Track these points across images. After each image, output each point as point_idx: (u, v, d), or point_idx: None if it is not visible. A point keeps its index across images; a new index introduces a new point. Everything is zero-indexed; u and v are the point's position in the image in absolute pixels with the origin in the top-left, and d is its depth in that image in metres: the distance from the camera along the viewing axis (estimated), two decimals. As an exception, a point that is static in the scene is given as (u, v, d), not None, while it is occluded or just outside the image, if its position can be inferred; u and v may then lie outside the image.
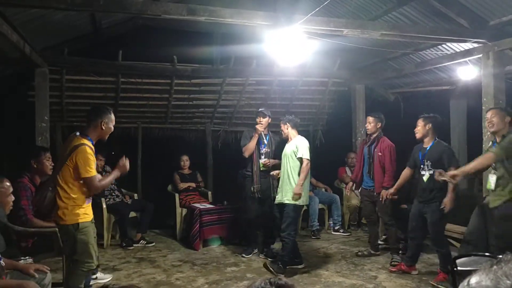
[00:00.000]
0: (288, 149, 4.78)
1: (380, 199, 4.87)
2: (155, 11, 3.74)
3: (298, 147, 4.68)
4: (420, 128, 4.39)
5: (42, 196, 3.23)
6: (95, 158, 3.18)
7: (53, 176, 3.30)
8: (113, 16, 5.59)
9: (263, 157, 5.26)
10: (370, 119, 5.15)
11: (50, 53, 5.75)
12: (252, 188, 5.18)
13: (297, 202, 4.62)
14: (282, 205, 4.72)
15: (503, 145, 3.61)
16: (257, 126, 5.18)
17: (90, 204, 3.33)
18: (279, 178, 4.90)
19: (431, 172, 4.23)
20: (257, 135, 5.19)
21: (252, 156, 5.22)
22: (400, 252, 4.97)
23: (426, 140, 4.40)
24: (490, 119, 3.78)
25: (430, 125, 4.35)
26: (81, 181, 3.14)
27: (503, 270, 0.68)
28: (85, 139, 3.18)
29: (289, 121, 4.88)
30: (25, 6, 4.01)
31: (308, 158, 4.65)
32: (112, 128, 3.36)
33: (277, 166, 5.07)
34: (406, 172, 4.69)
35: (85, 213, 3.22)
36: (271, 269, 4.57)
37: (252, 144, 5.18)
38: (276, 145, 5.37)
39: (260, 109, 5.43)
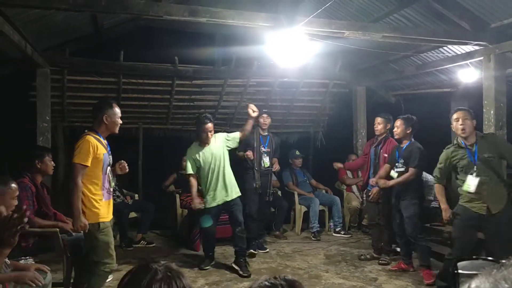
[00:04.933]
0: (217, 149, 4.76)
1: (369, 195, 5.01)
2: (156, 12, 3.75)
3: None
4: (401, 131, 4.60)
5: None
6: (95, 149, 3.12)
7: (67, 177, 3.31)
8: (114, 17, 5.59)
9: (265, 154, 5.46)
10: (379, 119, 5.13)
11: (52, 53, 5.77)
12: (254, 184, 5.34)
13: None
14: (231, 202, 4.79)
15: None
16: (260, 131, 5.45)
17: (108, 202, 3.30)
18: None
19: (402, 169, 4.51)
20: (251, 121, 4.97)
21: (254, 154, 5.39)
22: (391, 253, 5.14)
23: (403, 140, 4.63)
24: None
25: (411, 128, 4.58)
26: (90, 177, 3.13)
27: (502, 274, 0.68)
28: (92, 133, 3.19)
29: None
30: (27, 7, 4.01)
31: None
32: (118, 120, 3.32)
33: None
34: (387, 169, 4.77)
35: (105, 212, 3.22)
36: (238, 269, 4.65)
37: (245, 127, 4.91)
38: (275, 145, 5.65)
39: (264, 110, 5.59)
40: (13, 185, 2.70)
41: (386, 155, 4.96)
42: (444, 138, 7.11)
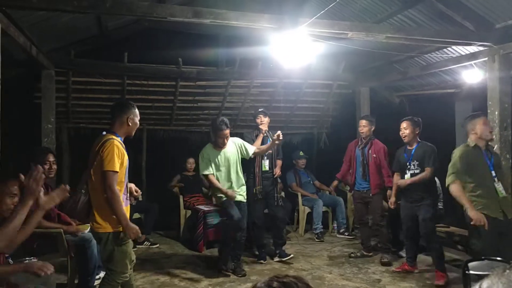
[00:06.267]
0: (232, 153, 4.70)
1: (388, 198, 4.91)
2: (161, 14, 3.77)
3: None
4: (410, 132, 4.49)
5: (75, 200, 2.98)
6: (122, 154, 2.97)
7: (84, 179, 3.07)
8: (119, 19, 5.62)
9: (265, 157, 5.22)
10: (364, 122, 5.25)
11: (57, 55, 5.80)
12: (254, 190, 5.13)
13: None
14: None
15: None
16: (261, 126, 5.20)
17: (127, 208, 3.08)
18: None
19: (418, 171, 4.43)
20: (262, 135, 5.21)
21: (254, 157, 5.15)
22: (391, 251, 5.15)
23: (411, 142, 4.54)
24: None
25: (418, 128, 4.50)
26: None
27: None
28: (113, 135, 3.02)
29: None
30: (32, 9, 4.04)
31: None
32: (138, 123, 3.17)
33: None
34: (396, 177, 4.72)
35: None
36: (231, 272, 4.66)
37: (263, 146, 5.04)
38: (277, 146, 5.31)
39: (260, 109, 5.45)
40: (11, 184, 2.68)
41: (375, 155, 5.07)
42: (448, 138, 7.09)
